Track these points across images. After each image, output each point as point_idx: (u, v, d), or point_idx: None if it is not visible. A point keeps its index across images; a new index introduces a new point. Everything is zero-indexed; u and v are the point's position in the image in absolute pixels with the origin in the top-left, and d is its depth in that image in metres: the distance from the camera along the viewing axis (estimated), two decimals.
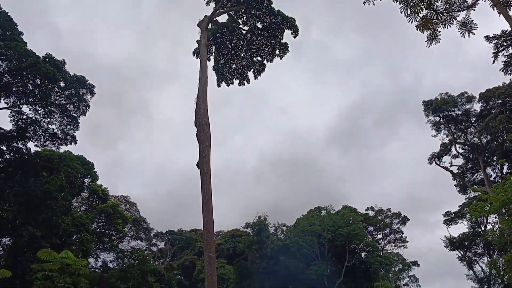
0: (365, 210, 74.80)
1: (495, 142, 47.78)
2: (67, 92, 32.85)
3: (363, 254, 64.92)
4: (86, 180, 35.38)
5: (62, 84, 32.55)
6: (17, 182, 28.69)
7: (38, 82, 31.65)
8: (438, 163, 53.66)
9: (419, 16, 16.08)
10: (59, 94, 32.82)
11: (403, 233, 76.32)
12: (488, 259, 42.43)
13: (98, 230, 34.96)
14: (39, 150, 33.32)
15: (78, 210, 35.47)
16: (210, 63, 29.75)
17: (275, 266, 49.79)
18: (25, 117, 32.37)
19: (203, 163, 28.62)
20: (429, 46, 16.60)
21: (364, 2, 16.60)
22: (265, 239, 53.36)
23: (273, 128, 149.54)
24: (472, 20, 15.97)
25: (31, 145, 32.94)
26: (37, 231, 25.53)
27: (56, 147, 32.60)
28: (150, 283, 32.21)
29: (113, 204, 35.68)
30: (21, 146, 31.92)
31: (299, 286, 50.55)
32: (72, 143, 32.82)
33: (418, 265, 78.71)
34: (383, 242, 77.13)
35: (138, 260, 29.77)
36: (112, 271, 31.30)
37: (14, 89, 31.86)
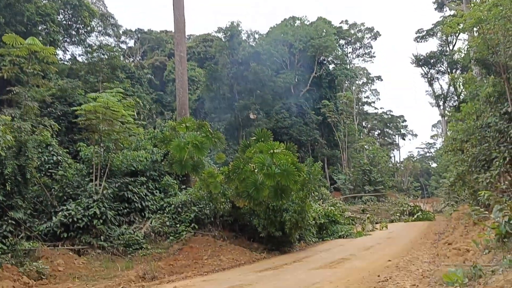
0: (339, 23, 74.04)
1: None
2: None
3: (331, 66, 66.53)
4: None
5: None
6: None
7: None
8: None
9: None
10: None
11: (372, 48, 77.54)
12: (449, 76, 44.40)
13: (65, 22, 33.41)
14: None
15: None
16: None
17: (245, 72, 50.70)
18: None
19: None
20: None
21: None
22: (236, 45, 53.07)
23: None
24: None
25: None
26: None
27: None
28: (120, 79, 32.63)
29: None
30: None
31: (267, 92, 52.55)
32: None
33: (382, 80, 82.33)
34: (351, 56, 78.68)
35: (107, 55, 29.41)
36: (81, 64, 31.09)
37: None
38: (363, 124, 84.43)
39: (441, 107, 53.73)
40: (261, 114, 51.16)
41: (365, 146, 62.66)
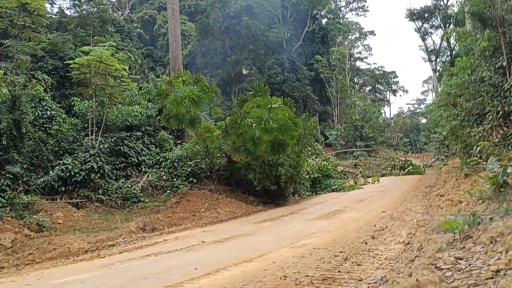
0: None
1: None
2: None
3: (324, 21, 65.38)
4: None
5: None
6: None
7: None
8: None
9: None
10: None
11: (366, 2, 76.23)
12: (445, 30, 44.01)
13: None
14: None
15: None
16: None
17: (237, 26, 49.66)
18: None
19: None
20: None
21: None
22: None
23: None
24: None
25: None
26: None
27: None
28: (110, 33, 31.83)
29: None
30: None
31: (259, 47, 51.69)
32: None
33: (374, 35, 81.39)
34: (345, 10, 77.32)
35: (97, 8, 28.46)
36: (71, 17, 30.21)
37: None
38: (355, 80, 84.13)
39: (433, 63, 53.63)
40: (253, 70, 50.58)
41: (357, 102, 62.69)
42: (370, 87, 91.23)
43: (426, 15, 51.55)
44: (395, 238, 8.83)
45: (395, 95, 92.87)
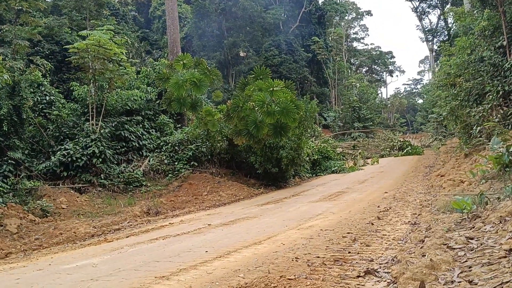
0: None
1: None
2: None
3: (320, 1, 64.80)
4: None
5: None
6: None
7: None
8: None
9: None
10: None
11: None
12: (445, 10, 43.71)
13: None
14: None
15: None
16: None
17: (233, 7, 49.12)
18: None
19: None
20: None
21: None
22: None
23: None
24: None
25: None
26: None
27: None
28: (105, 16, 31.51)
29: None
30: None
31: (256, 28, 51.26)
32: None
33: (371, 15, 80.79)
34: None
35: None
36: (66, 0, 29.73)
37: None
38: (352, 61, 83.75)
39: (430, 42, 53.45)
40: (250, 52, 50.19)
41: (354, 83, 62.52)
42: (367, 68, 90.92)
43: None
44: (400, 218, 8.91)
45: (392, 76, 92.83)
